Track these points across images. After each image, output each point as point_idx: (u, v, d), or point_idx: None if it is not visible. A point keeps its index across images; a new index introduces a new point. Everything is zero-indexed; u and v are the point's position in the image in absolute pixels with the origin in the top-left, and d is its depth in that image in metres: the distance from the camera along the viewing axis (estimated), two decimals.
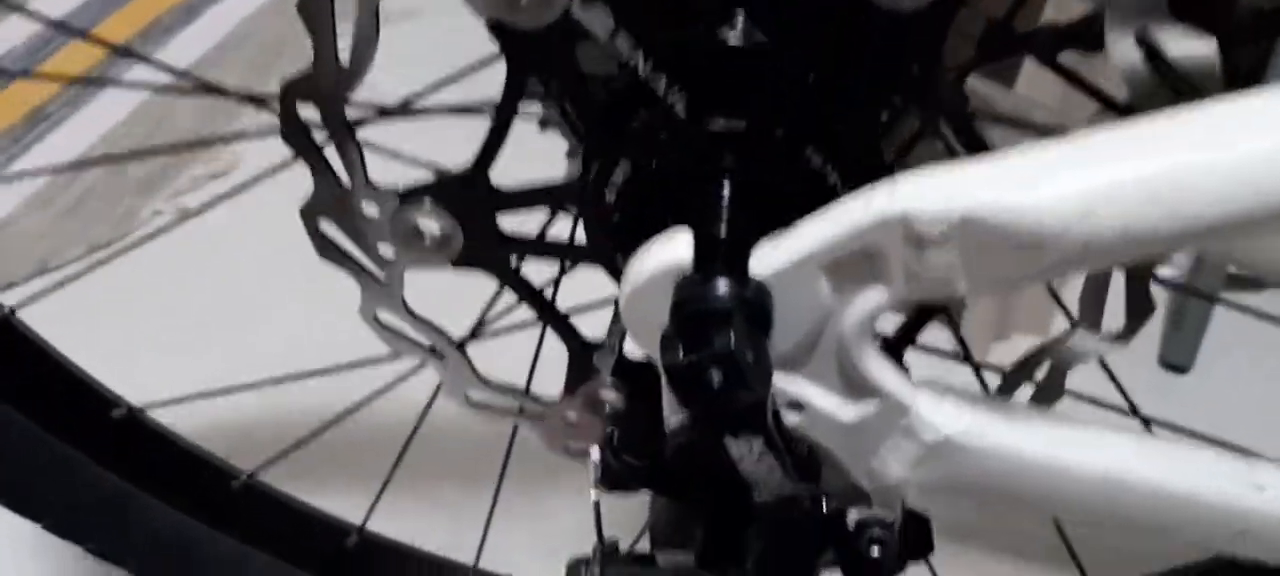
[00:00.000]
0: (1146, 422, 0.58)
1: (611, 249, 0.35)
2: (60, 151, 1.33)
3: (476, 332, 0.46)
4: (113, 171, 1.29)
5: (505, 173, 0.37)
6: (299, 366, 0.65)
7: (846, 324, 0.33)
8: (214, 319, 1.09)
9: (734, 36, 0.31)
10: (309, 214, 0.37)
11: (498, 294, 0.43)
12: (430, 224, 0.36)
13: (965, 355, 0.45)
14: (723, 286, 0.31)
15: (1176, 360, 1.11)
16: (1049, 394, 0.40)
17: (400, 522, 0.74)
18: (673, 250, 0.32)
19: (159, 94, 1.42)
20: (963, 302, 0.45)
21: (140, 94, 1.42)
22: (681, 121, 0.32)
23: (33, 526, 0.63)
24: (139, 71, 1.47)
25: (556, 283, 0.45)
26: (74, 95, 1.42)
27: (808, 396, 0.35)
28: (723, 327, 0.30)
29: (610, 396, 0.41)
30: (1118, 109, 0.34)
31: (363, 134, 0.37)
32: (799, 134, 0.33)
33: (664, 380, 0.34)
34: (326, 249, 0.38)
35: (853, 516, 0.39)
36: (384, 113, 0.39)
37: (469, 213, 0.36)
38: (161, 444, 0.66)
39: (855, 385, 0.34)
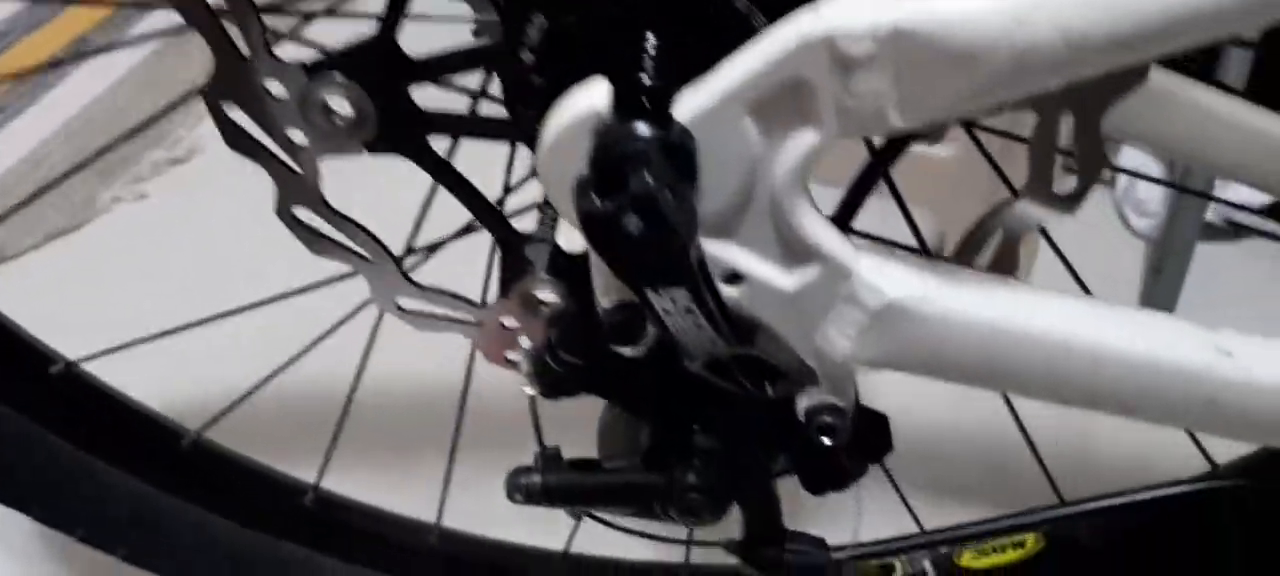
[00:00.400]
0: None
1: (532, 117, 0.33)
2: (21, 139, 1.31)
3: (412, 248, 0.44)
4: (74, 160, 1.27)
5: None
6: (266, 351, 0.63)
7: (778, 174, 0.30)
8: (177, 305, 1.07)
9: None
10: (212, 97, 0.35)
11: (432, 194, 0.41)
12: (341, 101, 0.34)
13: (917, 238, 0.43)
14: (641, 128, 0.29)
15: (1157, 309, 1.09)
16: (1003, 269, 0.38)
17: (361, 481, 0.71)
18: (589, 98, 0.30)
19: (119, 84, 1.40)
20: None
21: (101, 82, 1.40)
22: None
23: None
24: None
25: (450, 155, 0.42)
26: (32, 87, 1.40)
27: (745, 264, 0.33)
28: (640, 169, 0.28)
29: (547, 294, 0.39)
30: None
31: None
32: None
33: (590, 250, 0.32)
34: (236, 138, 0.36)
35: (802, 404, 0.37)
36: None
37: (380, 85, 0.34)
38: (103, 402, 0.64)
39: (793, 248, 0.32)
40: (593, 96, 0.30)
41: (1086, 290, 0.60)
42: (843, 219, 0.37)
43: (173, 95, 1.41)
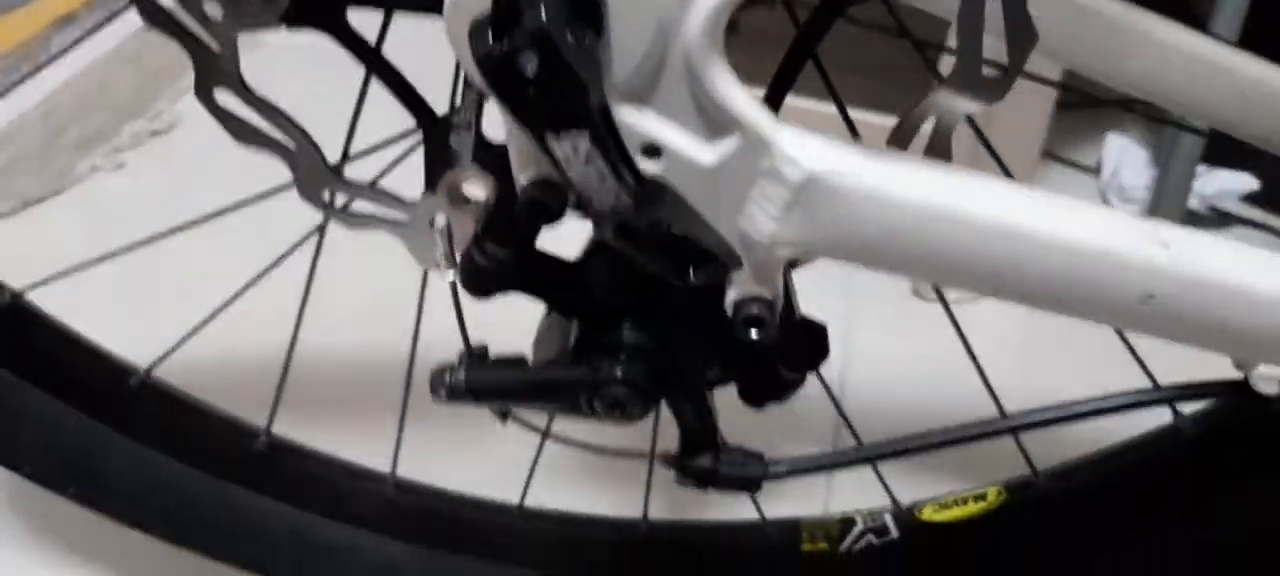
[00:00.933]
0: None
1: None
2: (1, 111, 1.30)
3: (347, 154, 0.43)
4: (48, 131, 1.26)
5: None
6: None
7: (690, 31, 0.30)
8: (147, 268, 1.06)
9: None
10: None
11: (364, 89, 0.40)
12: None
13: (845, 119, 0.42)
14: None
15: None
16: (936, 152, 0.37)
17: (316, 428, 0.70)
18: None
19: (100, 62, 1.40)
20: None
21: (87, 58, 1.40)
22: None
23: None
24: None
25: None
26: (14, 64, 1.39)
27: (662, 135, 0.32)
28: (537, 6, 0.27)
29: (474, 187, 0.38)
30: None
31: None
32: None
33: (506, 124, 0.31)
34: (151, 14, 0.35)
35: (729, 297, 0.36)
36: None
37: None
38: (53, 336, 0.63)
39: (711, 117, 0.31)
40: None
41: None
42: (772, 99, 0.36)
43: (155, 69, 1.40)
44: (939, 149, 0.37)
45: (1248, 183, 1.23)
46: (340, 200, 0.40)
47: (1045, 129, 1.11)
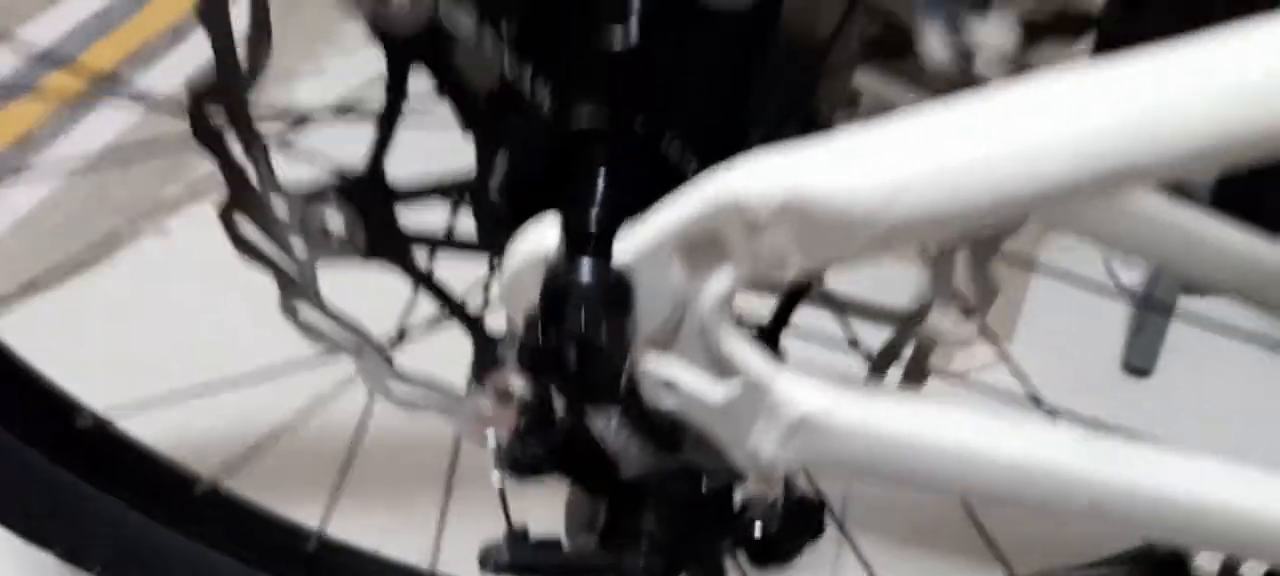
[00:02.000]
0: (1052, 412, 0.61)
1: (500, 240, 0.38)
2: (47, 172, 1.37)
3: (402, 336, 0.49)
4: (95, 195, 1.33)
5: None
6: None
7: (703, 304, 0.35)
8: (193, 334, 1.12)
9: (598, 38, 0.34)
10: (225, 214, 0.41)
11: (416, 293, 0.46)
12: (335, 221, 0.40)
13: (850, 339, 0.48)
14: (583, 269, 0.34)
15: (1139, 364, 1.13)
16: (913, 376, 0.43)
17: (362, 527, 0.76)
18: (541, 237, 0.35)
19: (144, 119, 1.46)
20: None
21: (123, 121, 1.46)
22: (547, 120, 0.35)
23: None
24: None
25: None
26: (59, 123, 1.45)
27: (678, 377, 0.38)
28: (579, 309, 0.33)
29: (516, 385, 0.44)
30: None
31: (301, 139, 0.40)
32: (659, 128, 0.35)
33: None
34: (243, 246, 0.41)
35: (738, 495, 0.42)
36: (297, 121, 0.42)
37: (368, 209, 0.39)
38: (126, 451, 0.69)
39: (720, 365, 0.37)
40: (545, 235, 0.35)
41: None
42: (774, 328, 0.42)
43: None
44: (918, 363, 0.43)
45: None
46: (401, 391, 0.46)
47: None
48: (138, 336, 1.11)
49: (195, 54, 1.60)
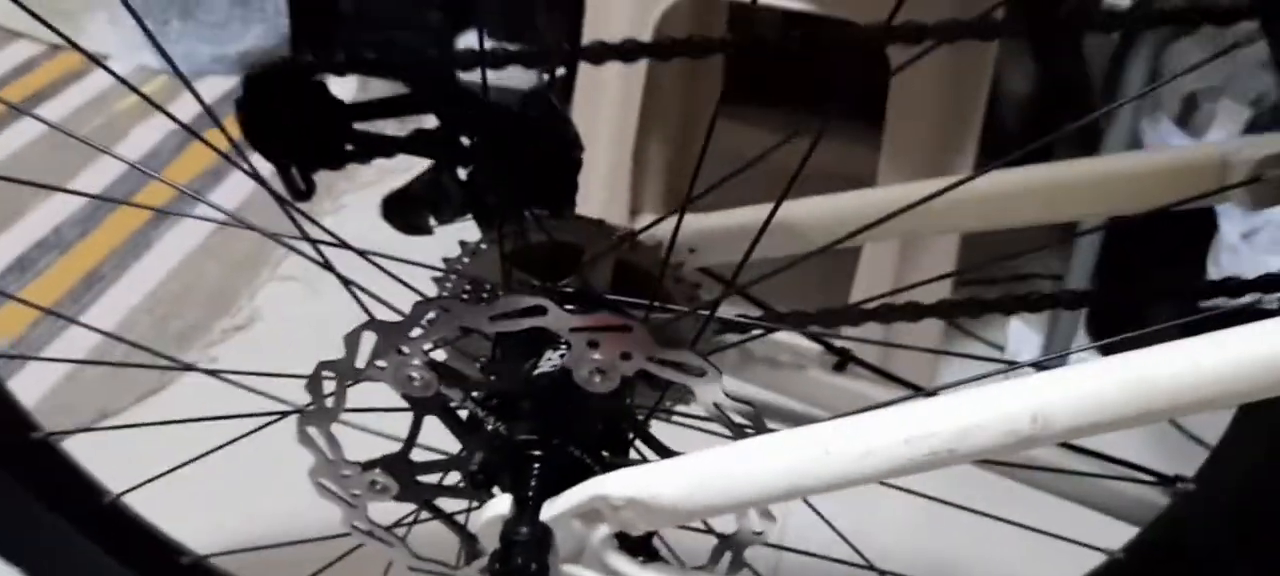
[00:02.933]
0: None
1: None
2: (113, 308, 1.62)
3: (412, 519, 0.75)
4: (155, 328, 1.58)
5: None
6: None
7: (593, 541, 0.61)
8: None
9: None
10: (313, 475, 0.67)
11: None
12: (385, 481, 0.66)
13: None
14: (522, 528, 0.60)
15: None
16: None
17: None
18: (498, 506, 0.61)
19: (192, 255, 1.71)
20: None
21: (176, 255, 1.72)
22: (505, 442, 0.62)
23: None
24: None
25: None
26: (120, 258, 1.71)
27: (585, 573, 0.63)
28: (518, 552, 0.59)
29: None
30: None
31: None
32: (570, 442, 0.62)
33: None
34: (323, 491, 0.67)
35: None
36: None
37: (405, 481, 0.65)
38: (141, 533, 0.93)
39: (608, 571, 0.63)
40: (500, 505, 0.61)
41: None
42: (642, 544, 0.67)
43: (235, 263, 1.71)
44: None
45: None
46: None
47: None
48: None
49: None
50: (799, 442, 0.55)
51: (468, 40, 2.17)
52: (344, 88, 0.72)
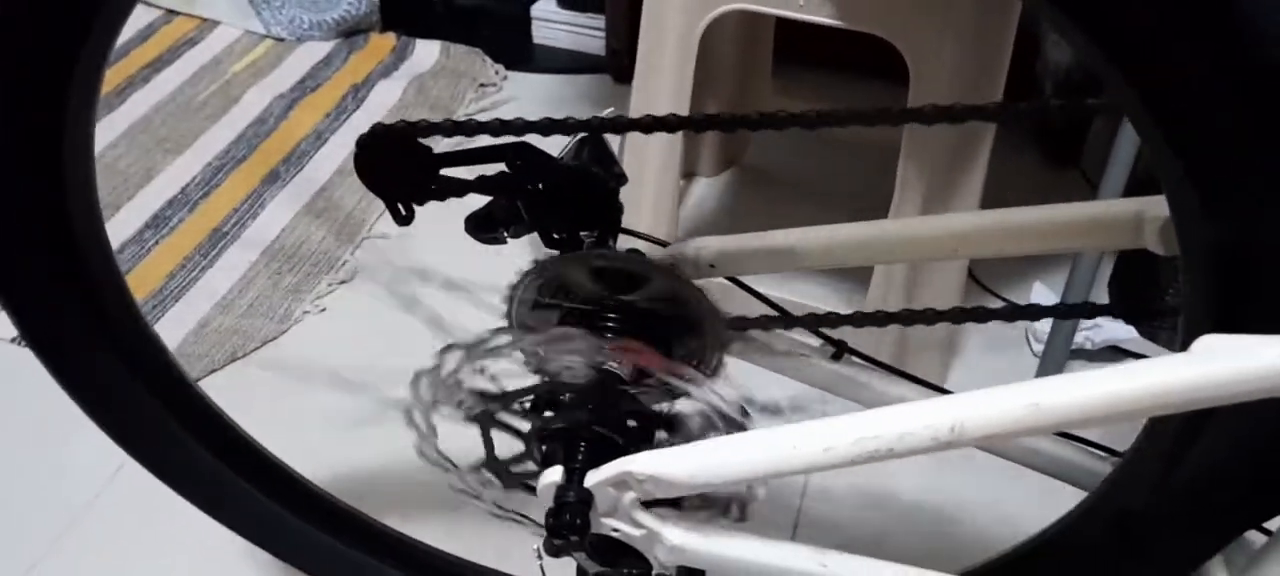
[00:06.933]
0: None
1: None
2: (236, 262, 1.85)
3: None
4: (273, 281, 1.81)
5: None
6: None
7: (624, 502, 0.80)
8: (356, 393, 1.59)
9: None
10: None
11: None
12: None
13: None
14: (570, 492, 0.79)
15: None
16: None
17: None
18: (553, 475, 0.80)
19: (299, 215, 1.93)
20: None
21: (287, 213, 1.94)
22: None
23: None
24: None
25: None
26: (239, 217, 1.94)
27: (618, 526, 0.82)
28: (567, 509, 0.78)
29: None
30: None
31: None
32: (607, 429, 0.81)
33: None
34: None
35: None
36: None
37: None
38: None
39: (635, 523, 0.82)
40: (554, 474, 0.80)
41: None
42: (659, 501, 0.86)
43: (336, 224, 1.93)
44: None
45: (1126, 330, 1.66)
46: None
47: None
48: (315, 392, 1.58)
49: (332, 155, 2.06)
50: (776, 438, 0.73)
51: (543, 6, 2.33)
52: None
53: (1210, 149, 0.54)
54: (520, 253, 0.89)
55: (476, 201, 0.91)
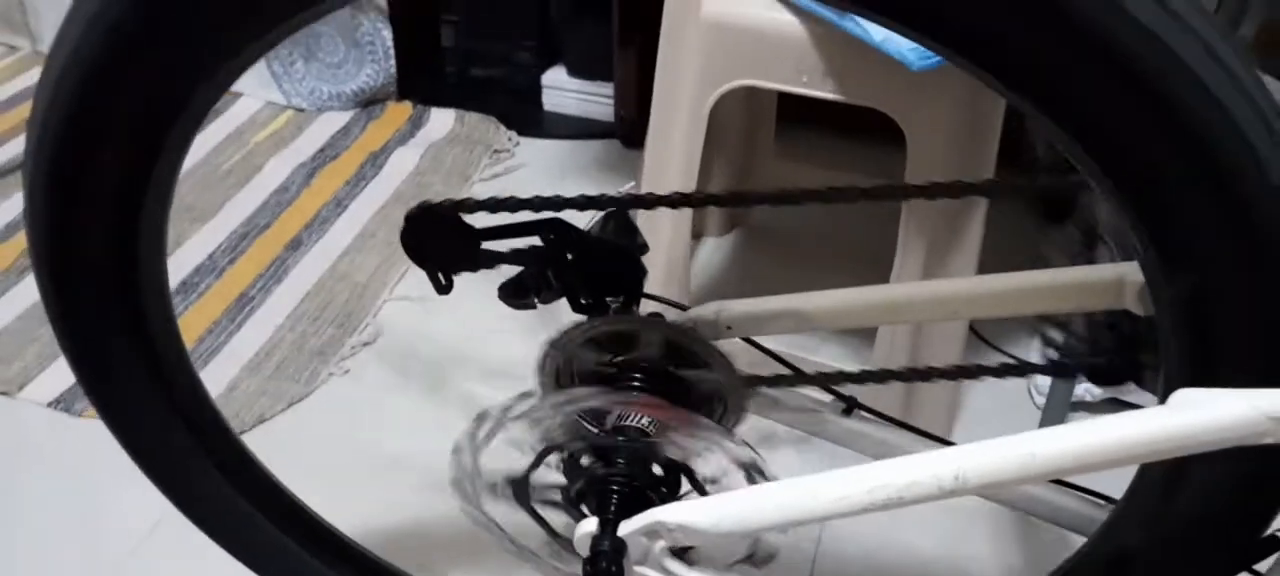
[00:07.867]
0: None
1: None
2: (262, 325, 1.91)
3: None
4: (298, 344, 1.87)
5: None
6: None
7: (655, 551, 0.86)
8: (381, 453, 1.65)
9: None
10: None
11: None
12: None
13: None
14: (605, 542, 0.86)
15: None
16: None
17: None
18: (588, 526, 0.87)
19: (324, 278, 2.00)
20: None
21: (311, 277, 2.01)
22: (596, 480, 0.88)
23: None
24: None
25: None
26: (264, 282, 2.00)
27: (650, 571, 0.88)
28: (602, 558, 0.85)
29: None
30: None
31: None
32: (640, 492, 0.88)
33: None
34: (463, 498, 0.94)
35: None
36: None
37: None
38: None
39: (666, 570, 0.88)
40: (590, 525, 0.87)
41: None
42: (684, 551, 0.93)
43: (361, 286, 2.00)
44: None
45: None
46: None
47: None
48: (344, 452, 1.65)
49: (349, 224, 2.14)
50: (795, 488, 0.79)
51: (553, 75, 2.43)
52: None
53: (1167, 218, 0.61)
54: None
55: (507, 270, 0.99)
